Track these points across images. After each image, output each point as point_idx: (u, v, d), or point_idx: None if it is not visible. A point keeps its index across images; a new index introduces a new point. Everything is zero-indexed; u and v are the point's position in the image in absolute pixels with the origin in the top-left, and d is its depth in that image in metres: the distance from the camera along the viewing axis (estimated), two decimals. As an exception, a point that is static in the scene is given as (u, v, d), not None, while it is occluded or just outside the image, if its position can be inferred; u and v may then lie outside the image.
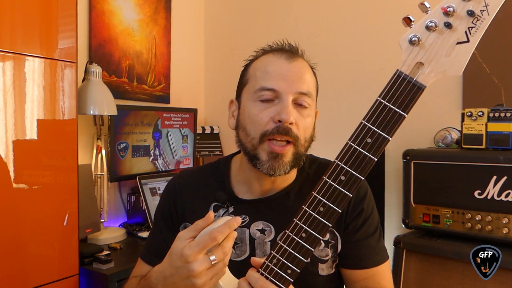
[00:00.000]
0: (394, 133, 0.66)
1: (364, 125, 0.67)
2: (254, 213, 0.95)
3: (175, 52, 2.46)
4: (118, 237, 1.85)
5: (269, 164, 0.86)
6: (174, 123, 2.26)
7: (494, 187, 1.38)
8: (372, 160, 0.67)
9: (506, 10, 1.71)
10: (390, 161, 1.94)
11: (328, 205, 0.70)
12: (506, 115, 1.41)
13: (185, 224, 1.01)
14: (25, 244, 1.34)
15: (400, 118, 0.65)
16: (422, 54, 0.63)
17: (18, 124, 1.32)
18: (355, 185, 0.69)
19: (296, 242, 0.72)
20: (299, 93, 0.87)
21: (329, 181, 0.69)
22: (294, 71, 0.88)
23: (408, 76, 0.64)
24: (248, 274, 0.76)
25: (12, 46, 1.30)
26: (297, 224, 0.72)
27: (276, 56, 0.90)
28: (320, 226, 0.70)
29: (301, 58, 0.92)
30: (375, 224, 0.97)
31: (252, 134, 0.88)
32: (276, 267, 0.73)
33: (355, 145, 0.67)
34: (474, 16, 0.60)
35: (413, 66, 0.63)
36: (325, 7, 2.21)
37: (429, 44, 0.62)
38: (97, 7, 2.00)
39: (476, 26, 0.60)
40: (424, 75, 0.63)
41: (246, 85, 0.93)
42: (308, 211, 0.71)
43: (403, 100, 0.64)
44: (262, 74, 0.89)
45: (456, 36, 0.61)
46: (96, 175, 1.88)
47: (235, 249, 0.94)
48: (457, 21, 0.61)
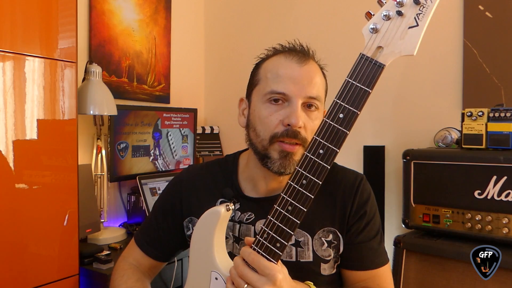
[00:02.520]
0: (362, 107, 0.73)
1: (336, 102, 0.75)
2: (259, 211, 0.97)
3: (175, 52, 2.46)
4: (118, 237, 1.85)
5: (280, 163, 0.89)
6: (174, 123, 2.26)
7: (494, 187, 1.38)
8: (344, 133, 0.74)
9: (506, 10, 1.71)
10: (390, 161, 1.94)
11: (309, 178, 0.75)
12: (506, 115, 1.41)
13: (191, 218, 1.02)
14: (25, 244, 1.34)
15: (366, 94, 0.73)
16: (380, 38, 0.74)
17: (18, 124, 1.32)
18: (331, 157, 0.74)
19: (283, 216, 0.77)
20: (309, 97, 0.90)
21: (309, 155, 0.75)
22: (304, 75, 0.91)
23: (369, 57, 0.73)
24: (242, 250, 0.79)
25: (12, 46, 1.30)
26: (284, 198, 0.77)
27: (288, 59, 0.93)
28: (303, 198, 0.76)
29: (312, 61, 0.95)
30: (377, 227, 0.99)
31: (262, 136, 0.91)
32: (267, 241, 0.77)
33: (329, 121, 0.75)
34: (420, 4, 0.70)
35: (374, 50, 0.74)
36: (325, 7, 2.21)
37: (385, 30, 0.73)
38: (97, 7, 2.00)
39: (423, 12, 0.70)
40: (384, 56, 0.73)
41: (257, 86, 0.95)
42: (292, 185, 0.76)
43: (366, 78, 0.73)
44: (273, 76, 0.92)
45: (407, 21, 0.71)
46: (96, 175, 1.88)
47: (239, 245, 0.96)
48: (406, 9, 0.71)
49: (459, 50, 1.85)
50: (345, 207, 0.96)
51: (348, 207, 0.95)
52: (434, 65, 1.91)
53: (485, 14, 1.76)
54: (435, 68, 1.90)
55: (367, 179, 1.02)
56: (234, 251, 0.97)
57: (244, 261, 0.77)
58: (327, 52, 2.24)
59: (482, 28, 1.78)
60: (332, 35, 2.18)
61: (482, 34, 1.78)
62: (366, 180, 1.01)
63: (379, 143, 1.96)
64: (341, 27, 2.15)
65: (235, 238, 0.97)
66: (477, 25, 1.79)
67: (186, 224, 1.04)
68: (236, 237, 0.97)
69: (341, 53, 2.15)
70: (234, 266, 0.78)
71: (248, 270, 0.76)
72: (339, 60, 2.20)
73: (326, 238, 0.94)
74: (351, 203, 0.95)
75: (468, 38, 1.82)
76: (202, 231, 0.87)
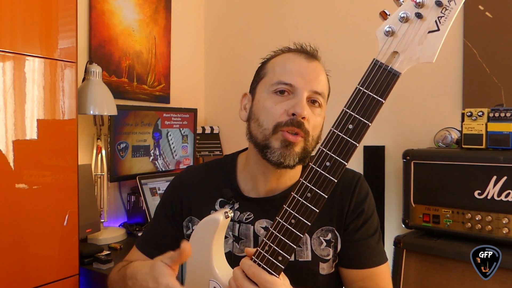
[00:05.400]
0: (374, 118, 0.68)
1: (345, 112, 0.70)
2: (259, 211, 0.97)
3: (175, 52, 2.46)
4: (118, 237, 1.85)
5: (280, 152, 0.88)
6: (174, 123, 2.26)
7: (494, 187, 1.38)
8: (354, 145, 0.69)
9: (506, 10, 1.71)
10: (390, 161, 1.94)
11: (314, 191, 0.72)
12: (506, 115, 1.41)
13: (191, 218, 1.02)
14: (25, 244, 1.34)
15: (378, 104, 0.68)
16: (396, 43, 0.67)
17: (18, 124, 1.32)
18: (339, 170, 0.71)
19: (286, 229, 0.74)
20: (314, 91, 0.90)
21: (315, 167, 0.72)
22: (312, 70, 0.92)
23: (384, 64, 0.68)
24: (241, 262, 0.77)
25: (12, 46, 1.30)
26: (287, 211, 0.74)
27: (296, 55, 0.95)
28: (308, 211, 0.72)
29: (318, 61, 0.97)
30: (375, 226, 0.99)
31: (265, 125, 0.90)
32: (268, 254, 0.75)
33: (337, 131, 0.70)
34: (442, 6, 0.63)
35: (389, 55, 0.67)
36: (325, 7, 2.21)
37: (403, 34, 0.66)
38: (97, 7, 2.00)
39: (445, 16, 0.64)
40: (399, 63, 0.67)
41: (263, 79, 0.96)
42: (296, 198, 0.73)
43: (380, 87, 0.68)
44: (281, 69, 0.93)
45: (427, 25, 0.65)
46: (96, 175, 1.88)
47: (239, 245, 0.96)
48: (427, 11, 0.65)
49: (459, 50, 1.84)
50: (343, 205, 0.96)
51: (346, 205, 0.96)
52: (434, 65, 1.90)
53: (485, 14, 1.76)
54: (435, 68, 1.90)
55: (367, 179, 1.02)
56: (233, 250, 0.97)
57: (244, 274, 0.76)
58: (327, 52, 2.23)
59: (482, 28, 1.78)
60: (332, 35, 2.18)
61: (482, 34, 1.78)
62: (364, 179, 1.01)
63: (379, 143, 1.96)
64: (341, 27, 2.15)
65: (235, 237, 0.97)
66: (477, 25, 1.79)
67: (186, 223, 1.03)
68: (236, 236, 0.97)
69: (341, 54, 2.15)
70: (234, 278, 0.77)
71: (248, 284, 0.74)
72: (339, 60, 2.21)
73: (325, 237, 0.95)
74: (349, 201, 0.96)
75: (468, 38, 1.82)
76: (200, 239, 0.85)
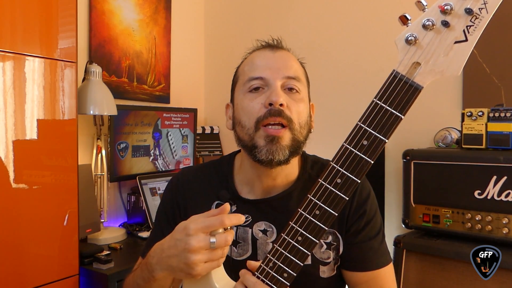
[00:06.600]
0: (391, 135, 0.64)
1: (360, 126, 0.65)
2: (257, 213, 0.94)
3: (175, 52, 2.46)
4: (118, 237, 1.85)
5: (266, 149, 0.85)
6: (174, 123, 2.26)
7: (494, 187, 1.38)
8: (368, 162, 0.65)
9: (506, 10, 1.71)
10: (390, 161, 1.94)
11: (324, 209, 0.68)
12: (506, 115, 1.41)
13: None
14: (25, 244, 1.34)
15: (397, 120, 0.63)
16: (419, 53, 0.61)
17: (18, 124, 1.32)
18: (351, 188, 0.67)
19: (292, 246, 0.71)
20: (287, 77, 0.89)
21: (325, 184, 0.68)
22: (278, 58, 0.92)
23: (404, 76, 0.62)
24: (245, 278, 0.75)
25: (12, 46, 1.30)
26: (293, 228, 0.71)
27: (261, 50, 0.96)
28: (316, 229, 0.69)
29: (285, 50, 0.96)
30: (378, 226, 0.96)
31: (247, 125, 0.89)
32: (273, 270, 0.72)
33: (351, 147, 0.65)
34: (473, 14, 0.57)
35: (410, 66, 0.61)
36: (324, 7, 2.21)
37: (426, 44, 0.60)
38: (97, 7, 2.00)
39: (475, 25, 0.58)
40: (421, 76, 0.60)
41: (237, 83, 0.96)
42: (304, 214, 0.70)
43: (399, 101, 0.62)
44: (249, 67, 0.93)
45: (454, 35, 0.59)
46: (96, 175, 1.88)
47: (237, 248, 0.94)
48: (455, 20, 0.58)
49: (459, 50, 1.84)
50: (344, 207, 0.94)
51: (347, 206, 0.92)
52: (434, 65, 1.90)
53: (485, 14, 1.76)
54: (435, 68, 1.90)
55: (367, 179, 1.00)
56: (232, 254, 0.95)
57: None
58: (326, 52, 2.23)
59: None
60: (332, 35, 2.18)
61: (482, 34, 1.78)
62: (366, 179, 0.97)
63: (379, 143, 1.96)
64: (341, 28, 2.15)
65: (233, 241, 0.95)
66: (477, 25, 1.79)
67: None
68: (233, 240, 0.95)
69: (341, 54, 2.15)
70: None
71: None
72: (339, 61, 2.21)
73: (325, 240, 0.92)
74: (350, 202, 0.92)
75: (468, 38, 1.81)
76: None
